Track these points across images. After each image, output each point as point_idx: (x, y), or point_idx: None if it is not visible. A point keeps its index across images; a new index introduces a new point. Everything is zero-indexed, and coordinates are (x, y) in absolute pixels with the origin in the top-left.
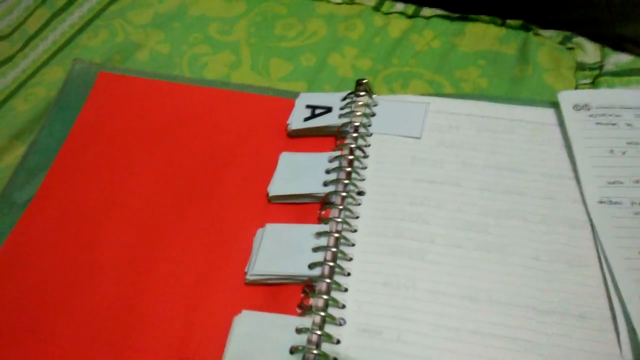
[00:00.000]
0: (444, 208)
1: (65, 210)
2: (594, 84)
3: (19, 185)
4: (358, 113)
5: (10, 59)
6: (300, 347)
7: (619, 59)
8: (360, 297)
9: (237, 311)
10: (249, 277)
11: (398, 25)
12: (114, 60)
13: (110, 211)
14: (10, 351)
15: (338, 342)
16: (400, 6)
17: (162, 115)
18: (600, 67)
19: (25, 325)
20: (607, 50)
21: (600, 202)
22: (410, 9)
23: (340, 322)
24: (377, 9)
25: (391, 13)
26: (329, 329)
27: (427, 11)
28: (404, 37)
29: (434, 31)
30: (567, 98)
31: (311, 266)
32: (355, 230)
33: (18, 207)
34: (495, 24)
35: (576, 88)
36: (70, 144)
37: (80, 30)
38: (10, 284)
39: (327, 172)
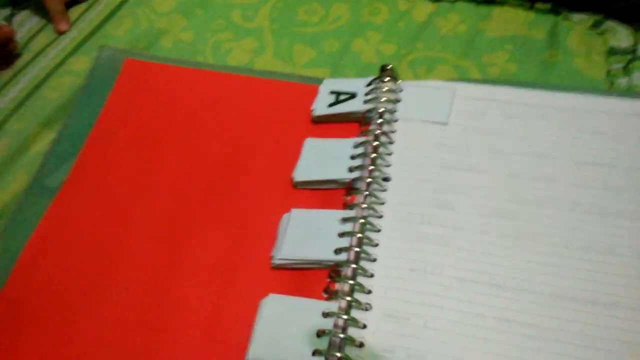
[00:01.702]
0: (471, 195)
1: (95, 194)
2: (626, 69)
3: (50, 171)
4: (383, 99)
5: (41, 51)
6: (326, 331)
7: None
8: (387, 282)
9: (264, 295)
10: (275, 262)
11: (423, 9)
12: (139, 48)
13: (139, 195)
14: (47, 331)
15: (364, 326)
16: None
17: (187, 101)
18: (633, 52)
19: (60, 306)
20: None
21: None
22: None
23: (367, 307)
24: None
25: None
26: (355, 313)
27: None
28: (429, 21)
29: (459, 15)
30: None
31: (337, 251)
32: (381, 216)
33: (49, 191)
34: (523, 7)
35: (608, 73)
36: (99, 130)
37: (106, 19)
38: (44, 266)
39: (352, 157)
